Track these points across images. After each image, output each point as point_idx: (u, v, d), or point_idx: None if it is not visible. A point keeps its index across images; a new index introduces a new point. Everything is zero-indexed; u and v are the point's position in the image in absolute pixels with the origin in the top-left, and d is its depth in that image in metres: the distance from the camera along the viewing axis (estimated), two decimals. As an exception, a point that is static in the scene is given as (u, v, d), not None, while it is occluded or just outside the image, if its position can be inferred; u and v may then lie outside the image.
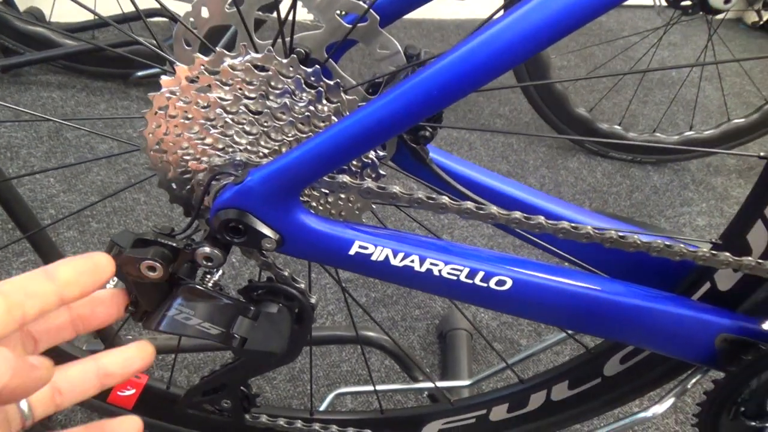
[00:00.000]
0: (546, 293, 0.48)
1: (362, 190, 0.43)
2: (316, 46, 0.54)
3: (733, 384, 0.54)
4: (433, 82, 0.37)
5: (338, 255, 0.44)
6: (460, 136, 1.65)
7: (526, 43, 0.35)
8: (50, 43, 1.47)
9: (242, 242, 0.43)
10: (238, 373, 0.55)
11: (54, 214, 1.11)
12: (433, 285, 0.46)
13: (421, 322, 1.07)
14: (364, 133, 0.39)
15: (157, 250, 0.44)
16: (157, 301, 0.45)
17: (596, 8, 0.35)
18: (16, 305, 0.31)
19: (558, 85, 1.59)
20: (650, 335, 0.53)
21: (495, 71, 0.37)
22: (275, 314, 0.47)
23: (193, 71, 0.43)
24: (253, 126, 0.44)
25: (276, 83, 0.43)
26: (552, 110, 1.64)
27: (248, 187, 0.41)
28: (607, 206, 1.52)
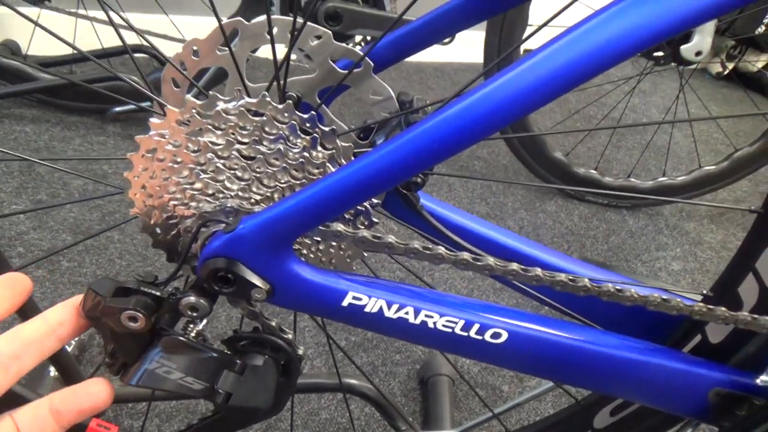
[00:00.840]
0: (541, 346, 0.47)
1: (357, 239, 0.42)
2: (307, 91, 0.54)
3: (724, 438, 0.53)
4: (434, 134, 0.36)
5: (331, 306, 0.42)
6: (440, 178, 1.66)
7: (529, 97, 0.35)
8: (25, 76, 1.44)
9: (231, 292, 0.41)
10: (217, 428, 0.52)
11: (23, 252, 1.07)
12: (427, 337, 0.45)
13: (402, 367, 1.04)
14: (363, 183, 0.38)
15: (140, 299, 0.41)
16: (136, 352, 0.43)
17: (601, 64, 0.35)
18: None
19: (536, 130, 1.62)
20: (643, 389, 0.52)
21: (497, 124, 0.36)
22: (261, 367, 0.45)
23: (184, 114, 0.42)
24: (245, 172, 0.43)
25: (270, 128, 0.42)
26: (530, 154, 1.66)
27: (240, 235, 0.39)
28: (585, 249, 1.53)
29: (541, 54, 0.35)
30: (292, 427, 0.87)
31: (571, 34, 0.34)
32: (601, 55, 0.34)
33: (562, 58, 0.34)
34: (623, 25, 0.33)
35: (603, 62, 0.34)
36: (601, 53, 0.34)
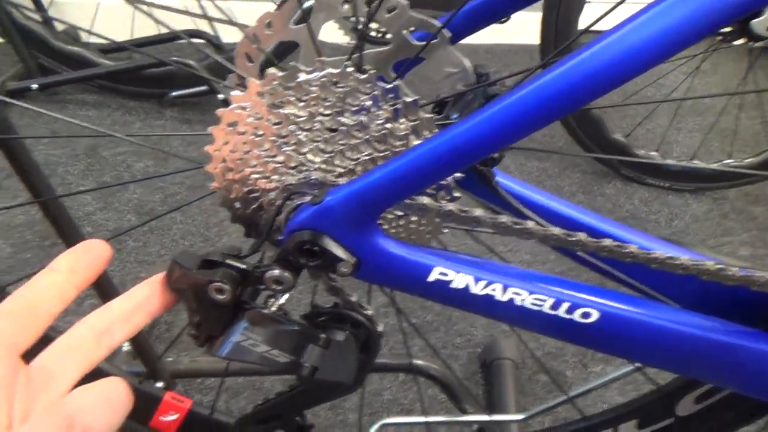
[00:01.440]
0: (633, 327, 0.45)
1: (443, 212, 0.41)
2: (380, 65, 0.52)
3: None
4: (533, 99, 0.35)
5: (416, 281, 0.41)
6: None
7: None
8: (87, 62, 1.48)
9: (316, 265, 0.40)
10: (297, 402, 0.52)
11: (91, 231, 1.10)
12: (513, 315, 0.43)
13: (463, 351, 1.03)
14: (453, 155, 0.36)
15: (226, 271, 0.41)
16: (221, 325, 0.43)
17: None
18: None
19: (594, 111, 1.57)
20: (739, 375, 0.49)
21: (600, 88, 0.34)
22: (343, 342, 0.45)
23: (265, 86, 0.41)
24: (327, 144, 0.42)
25: (353, 100, 0.41)
26: (588, 136, 1.61)
27: (327, 207, 0.38)
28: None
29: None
30: (362, 407, 0.87)
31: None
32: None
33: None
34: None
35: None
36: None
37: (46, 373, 0.31)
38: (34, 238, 1.04)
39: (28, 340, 0.31)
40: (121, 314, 0.38)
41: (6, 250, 1.02)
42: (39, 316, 0.32)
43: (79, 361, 0.33)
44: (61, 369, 0.31)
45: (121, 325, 0.38)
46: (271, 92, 0.42)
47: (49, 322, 0.33)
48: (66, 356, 0.32)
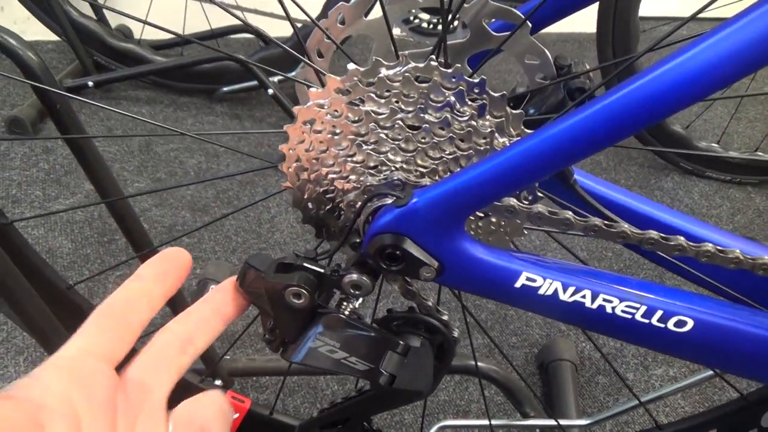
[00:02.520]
0: (730, 336, 0.42)
1: (532, 214, 0.39)
2: (456, 57, 0.50)
3: None
4: (634, 100, 0.32)
5: (503, 287, 0.39)
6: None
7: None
8: (140, 59, 1.49)
9: (398, 270, 0.39)
10: (366, 407, 0.50)
11: (147, 228, 1.10)
12: (603, 323, 0.41)
13: (519, 351, 1.01)
14: (548, 156, 0.34)
15: (303, 275, 0.40)
16: (296, 330, 0.42)
17: None
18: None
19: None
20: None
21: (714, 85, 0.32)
22: (420, 349, 0.43)
23: (345, 82, 0.40)
24: (409, 143, 0.40)
25: (436, 95, 0.39)
26: (646, 128, 1.56)
27: (413, 210, 0.36)
28: (709, 230, 1.42)
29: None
30: (425, 411, 0.86)
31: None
32: None
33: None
34: None
35: None
36: None
37: (142, 386, 0.30)
38: (92, 234, 1.06)
39: (122, 352, 0.30)
40: (200, 320, 0.37)
41: (67, 246, 1.04)
42: (131, 326, 0.31)
43: (169, 370, 0.32)
44: (156, 380, 0.30)
45: (202, 331, 0.37)
46: (351, 88, 0.40)
47: (139, 332, 0.32)
48: (156, 367, 0.31)
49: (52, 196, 1.14)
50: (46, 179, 1.18)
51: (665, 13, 2.24)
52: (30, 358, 0.86)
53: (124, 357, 0.31)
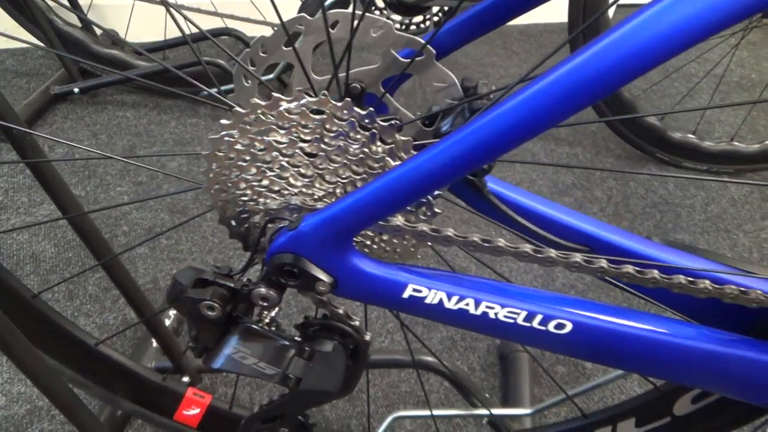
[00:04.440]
0: (608, 337, 0.46)
1: (416, 233, 0.43)
2: (371, 81, 0.54)
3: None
4: (500, 123, 0.36)
5: (392, 298, 0.43)
6: (523, 147, 1.62)
7: (606, 79, 0.34)
8: (125, 64, 1.54)
9: (297, 285, 0.43)
10: (295, 404, 0.55)
11: (127, 230, 1.16)
12: (489, 328, 0.45)
13: (482, 343, 1.05)
14: (422, 179, 0.38)
15: (216, 290, 0.45)
16: (215, 338, 0.47)
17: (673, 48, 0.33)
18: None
19: (627, 94, 1.54)
20: (721, 380, 0.49)
21: (575, 106, 0.36)
22: (330, 353, 0.48)
23: (250, 115, 0.44)
24: (308, 168, 0.45)
25: (331, 126, 0.43)
26: (620, 120, 1.58)
27: (302, 233, 0.41)
28: (680, 220, 1.45)
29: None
30: (368, 402, 0.90)
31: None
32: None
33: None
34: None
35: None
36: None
37: None
38: (74, 238, 1.11)
39: None
40: None
41: (50, 250, 1.09)
42: None
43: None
44: None
45: None
46: (255, 120, 0.44)
47: None
48: None
49: (37, 201, 1.20)
50: (32, 185, 1.23)
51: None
52: (13, 358, 0.92)
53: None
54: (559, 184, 1.51)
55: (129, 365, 0.74)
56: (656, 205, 1.49)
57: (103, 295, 1.03)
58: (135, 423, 0.86)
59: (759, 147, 1.60)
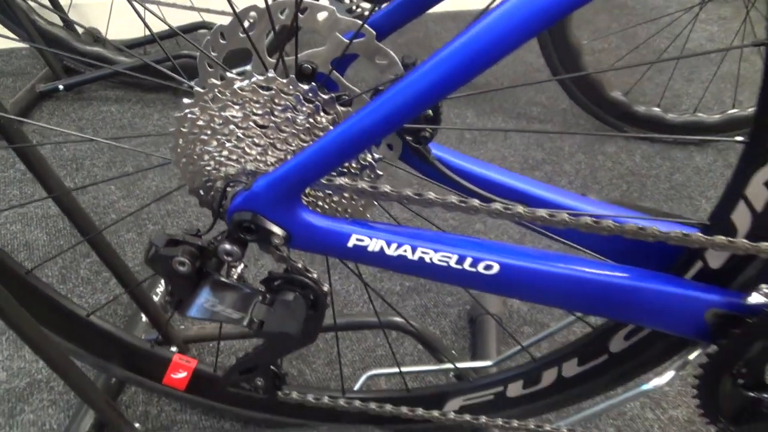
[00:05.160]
0: (532, 276, 0.52)
1: (357, 189, 0.49)
2: (321, 62, 0.60)
3: (724, 357, 0.57)
4: (401, 94, 0.42)
5: (338, 247, 0.50)
6: (495, 126, 1.68)
7: (480, 58, 0.40)
8: (107, 60, 1.59)
9: (255, 239, 0.50)
10: (266, 353, 0.62)
11: (115, 218, 1.22)
12: (426, 271, 0.52)
13: (453, 309, 1.12)
14: (351, 140, 0.45)
15: (185, 248, 0.51)
16: (188, 291, 0.53)
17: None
18: None
19: (574, 39, 1.57)
20: (640, 312, 0.56)
21: (461, 79, 0.42)
22: (291, 301, 0.54)
23: (208, 94, 0.50)
24: (261, 138, 0.51)
25: (279, 100, 0.50)
26: (586, 96, 1.65)
27: (256, 192, 0.47)
28: (645, 189, 1.52)
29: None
30: (340, 358, 0.97)
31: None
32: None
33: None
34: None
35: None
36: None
37: None
38: (65, 227, 1.17)
39: None
40: None
41: (42, 238, 1.16)
42: None
43: None
44: None
45: None
46: (213, 98, 0.51)
47: None
48: None
49: (28, 194, 1.26)
50: (22, 179, 1.29)
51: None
52: (11, 337, 0.98)
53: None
54: (529, 159, 1.57)
55: (119, 334, 0.80)
56: (623, 177, 1.56)
57: (94, 277, 1.09)
58: (129, 391, 0.93)
59: (720, 117, 1.66)
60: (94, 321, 0.79)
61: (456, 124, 1.69)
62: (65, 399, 0.91)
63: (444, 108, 1.73)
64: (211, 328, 0.92)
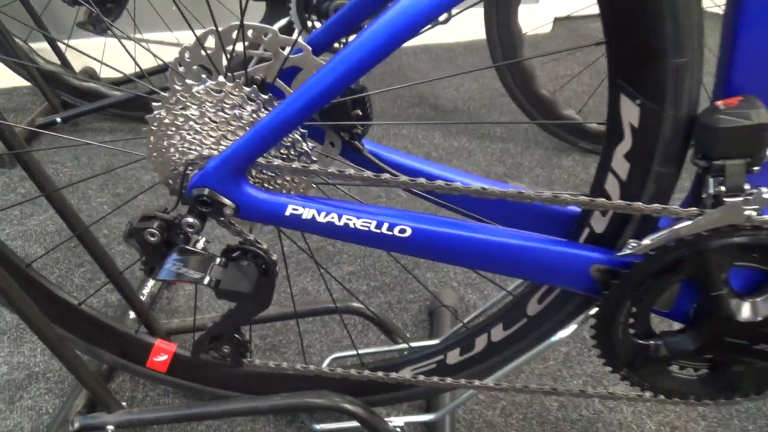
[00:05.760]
0: (439, 238, 0.64)
1: (290, 169, 0.61)
2: (270, 74, 0.74)
3: (608, 307, 0.68)
4: (308, 91, 0.55)
5: (278, 216, 0.62)
6: (461, 146, 1.82)
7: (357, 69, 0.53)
8: (101, 95, 1.74)
9: (210, 212, 0.62)
10: (230, 320, 0.73)
11: (107, 233, 1.34)
12: (351, 235, 0.63)
13: (414, 304, 1.23)
14: (277, 125, 0.57)
15: (155, 222, 0.63)
16: (159, 258, 0.65)
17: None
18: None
19: (527, 65, 1.70)
20: (535, 270, 0.67)
21: (350, 79, 0.55)
22: (243, 266, 0.66)
23: (172, 97, 0.63)
24: (215, 131, 0.63)
25: (228, 101, 0.62)
26: (519, 89, 1.74)
27: (208, 171, 0.59)
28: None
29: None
30: (302, 342, 1.08)
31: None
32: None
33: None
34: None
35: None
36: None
37: None
38: (61, 240, 1.29)
39: None
40: None
41: (40, 252, 1.27)
42: None
43: None
44: None
45: None
46: (176, 101, 0.63)
47: None
48: None
49: (28, 213, 1.38)
50: (23, 201, 1.42)
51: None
52: (12, 336, 1.09)
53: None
54: (491, 174, 1.70)
55: (106, 321, 0.91)
56: (577, 187, 1.68)
57: (87, 284, 1.20)
58: (117, 380, 1.03)
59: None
60: (85, 309, 0.90)
61: (424, 144, 1.82)
62: (59, 387, 1.01)
63: (413, 129, 1.86)
64: (190, 321, 1.03)
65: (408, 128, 1.88)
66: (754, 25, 0.54)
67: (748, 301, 0.65)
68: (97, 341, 0.92)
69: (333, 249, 1.35)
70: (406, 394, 0.91)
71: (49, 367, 1.04)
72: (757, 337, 0.66)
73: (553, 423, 1.01)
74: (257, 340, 1.12)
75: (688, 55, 0.55)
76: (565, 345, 1.13)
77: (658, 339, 0.70)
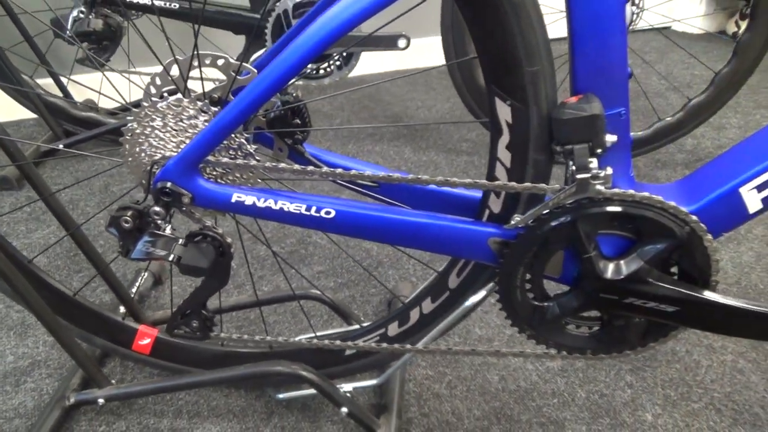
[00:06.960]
0: (358, 218, 0.79)
1: (234, 165, 0.77)
2: (224, 93, 0.90)
3: (504, 273, 0.82)
4: (234, 106, 0.71)
5: (226, 203, 0.77)
6: (429, 159, 1.97)
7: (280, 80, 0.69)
8: (99, 123, 1.91)
9: (171, 201, 0.77)
10: (196, 297, 0.88)
11: (103, 244, 1.50)
12: (287, 217, 0.78)
13: (375, 297, 1.37)
14: (219, 129, 0.73)
15: (129, 211, 0.78)
16: (133, 241, 0.80)
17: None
18: None
19: (475, 62, 1.83)
20: (441, 244, 0.82)
21: (273, 90, 0.70)
22: (202, 246, 0.81)
23: (141, 113, 0.79)
24: (175, 136, 0.79)
25: (186, 113, 0.78)
26: (462, 73, 1.87)
27: (168, 167, 0.75)
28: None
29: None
30: (265, 324, 1.22)
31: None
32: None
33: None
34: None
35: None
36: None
37: None
38: (62, 252, 1.45)
39: None
40: None
41: (43, 261, 1.43)
42: None
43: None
44: None
45: None
46: (144, 115, 0.79)
47: None
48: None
49: (33, 229, 1.54)
50: (28, 219, 1.58)
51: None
52: (17, 331, 1.24)
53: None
54: (456, 183, 1.85)
55: (97, 309, 1.06)
56: (536, 193, 1.83)
57: (84, 290, 1.36)
58: (108, 365, 1.18)
59: (651, 130, 1.91)
60: (79, 299, 1.05)
61: (395, 159, 1.98)
62: (58, 373, 1.15)
63: (384, 145, 2.02)
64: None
65: (381, 144, 2.04)
66: (583, 37, 0.69)
67: (613, 262, 0.79)
68: (90, 327, 1.07)
69: (305, 252, 1.50)
70: (355, 365, 1.05)
71: (50, 356, 1.19)
72: (624, 293, 0.80)
73: (494, 393, 1.14)
74: (233, 330, 1.27)
75: (539, 64, 0.71)
76: (498, 317, 1.26)
77: (551, 300, 0.84)
